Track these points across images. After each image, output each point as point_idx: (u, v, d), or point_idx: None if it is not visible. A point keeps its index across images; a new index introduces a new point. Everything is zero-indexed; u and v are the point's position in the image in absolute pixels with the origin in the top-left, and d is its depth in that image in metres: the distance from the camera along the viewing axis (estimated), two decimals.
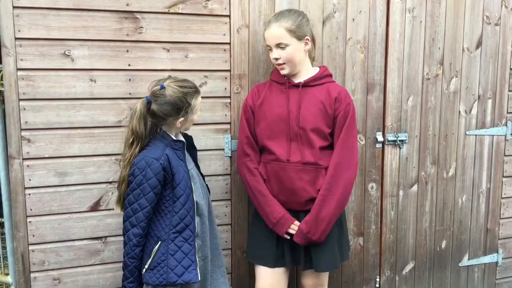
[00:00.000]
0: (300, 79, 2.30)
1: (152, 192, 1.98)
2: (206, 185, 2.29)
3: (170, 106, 2.00)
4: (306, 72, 2.31)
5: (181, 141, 2.12)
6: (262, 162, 2.34)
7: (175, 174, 2.02)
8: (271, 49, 2.26)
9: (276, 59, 2.24)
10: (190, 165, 2.18)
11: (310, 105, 2.26)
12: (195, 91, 2.07)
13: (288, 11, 2.28)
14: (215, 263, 2.27)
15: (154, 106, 2.00)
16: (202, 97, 2.40)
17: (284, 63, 2.24)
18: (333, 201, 2.21)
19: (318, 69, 2.35)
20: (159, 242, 2.03)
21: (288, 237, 2.27)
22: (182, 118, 2.05)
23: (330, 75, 2.37)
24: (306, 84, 2.28)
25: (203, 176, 2.29)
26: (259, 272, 2.37)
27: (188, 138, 2.24)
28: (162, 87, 2.00)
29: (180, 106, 2.01)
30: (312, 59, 2.39)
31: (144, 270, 2.03)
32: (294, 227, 2.26)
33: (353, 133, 2.29)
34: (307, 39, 2.26)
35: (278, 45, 2.21)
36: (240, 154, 2.39)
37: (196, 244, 2.10)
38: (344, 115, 2.26)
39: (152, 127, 2.05)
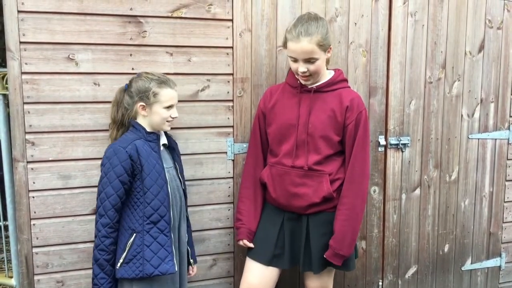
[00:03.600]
0: (311, 84, 2.27)
1: (118, 180, 2.01)
2: (184, 189, 2.28)
3: (135, 89, 2.10)
4: (322, 76, 2.27)
5: (154, 133, 2.15)
6: (268, 164, 2.36)
7: (144, 164, 2.05)
8: (295, 61, 2.17)
9: (302, 72, 2.17)
10: (167, 164, 2.19)
11: (320, 112, 2.24)
12: (162, 81, 2.11)
13: (314, 20, 2.15)
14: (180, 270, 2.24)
15: (126, 92, 2.14)
16: (204, 101, 2.44)
17: (309, 75, 2.20)
18: (354, 214, 2.23)
19: (332, 72, 2.32)
20: (134, 234, 2.05)
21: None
22: (142, 103, 2.09)
23: (345, 80, 2.33)
24: (318, 90, 2.25)
25: (182, 182, 2.27)
26: (249, 266, 2.36)
27: (169, 139, 2.27)
28: (138, 75, 2.15)
29: (142, 89, 2.08)
30: (327, 62, 2.32)
31: (119, 264, 2.04)
32: (245, 242, 2.37)
33: (365, 143, 2.26)
34: (330, 47, 2.21)
35: (308, 60, 2.15)
36: (246, 156, 2.47)
37: (172, 236, 2.11)
38: (356, 124, 2.22)
39: (125, 115, 2.15)
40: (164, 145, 2.21)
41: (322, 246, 2.27)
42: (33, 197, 2.26)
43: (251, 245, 2.36)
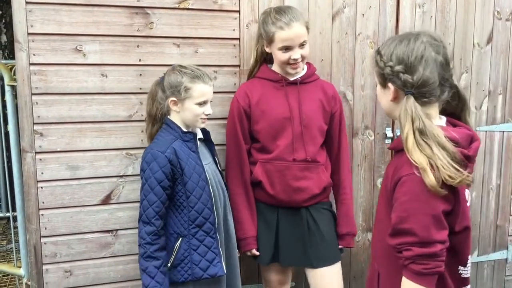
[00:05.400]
0: (293, 76, 2.27)
1: (159, 186, 1.96)
2: (225, 183, 2.26)
3: (167, 82, 2.05)
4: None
5: (191, 132, 2.10)
6: (259, 161, 2.28)
7: (184, 168, 2.00)
8: (286, 50, 2.17)
9: (296, 59, 2.17)
10: (206, 160, 2.15)
11: (310, 102, 2.26)
12: (195, 75, 2.03)
13: (291, 7, 2.23)
14: (230, 262, 2.22)
15: (159, 86, 2.09)
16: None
17: (300, 62, 2.20)
18: (352, 198, 2.46)
19: (305, 65, 2.32)
20: (180, 238, 2.03)
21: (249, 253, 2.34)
22: (174, 98, 2.03)
23: (315, 70, 2.38)
24: (302, 81, 2.27)
25: (221, 174, 2.26)
26: (266, 269, 2.40)
27: (206, 134, 2.24)
28: (172, 68, 2.09)
29: (173, 84, 2.02)
30: None
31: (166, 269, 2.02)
32: (254, 252, 2.31)
33: (345, 130, 2.45)
34: None
35: (302, 44, 2.17)
36: (228, 161, 2.34)
37: (218, 236, 2.09)
38: (340, 112, 2.36)
39: (161, 110, 2.10)
40: (199, 139, 2.17)
41: (328, 236, 2.29)
42: (42, 187, 2.27)
43: (258, 253, 2.32)
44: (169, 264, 2.02)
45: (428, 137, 1.40)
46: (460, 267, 1.52)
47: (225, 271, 2.08)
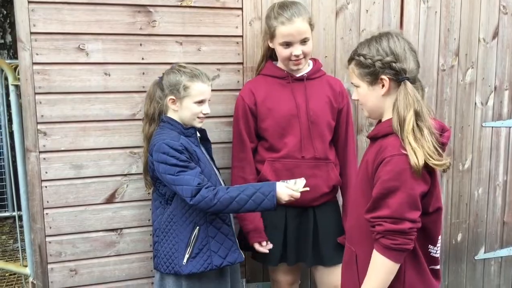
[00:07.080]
0: (299, 72, 2.26)
1: (187, 162, 1.94)
2: (223, 180, 2.26)
3: (166, 82, 2.06)
4: (306, 64, 2.29)
5: (192, 127, 2.10)
6: (267, 160, 2.26)
7: (200, 156, 2.02)
8: (287, 46, 2.16)
9: (297, 55, 2.16)
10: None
11: (318, 99, 2.24)
12: (194, 74, 2.04)
13: (296, 3, 2.20)
14: None
15: (157, 85, 2.10)
16: (215, 90, 2.40)
17: (302, 58, 2.19)
18: None
19: (310, 61, 2.32)
20: (197, 227, 2.01)
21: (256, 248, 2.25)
22: (172, 97, 2.03)
23: (321, 66, 2.37)
24: (309, 77, 2.26)
25: (219, 171, 2.27)
26: (274, 270, 2.39)
27: (202, 132, 2.24)
28: (171, 67, 2.10)
29: (172, 82, 2.03)
30: None
31: (185, 260, 2.00)
32: (256, 246, 2.23)
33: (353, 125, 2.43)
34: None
35: (303, 41, 2.15)
36: (233, 160, 2.33)
37: (233, 224, 2.09)
38: (347, 107, 2.32)
39: (158, 110, 2.10)
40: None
41: (336, 234, 2.28)
42: (46, 186, 2.27)
43: (264, 250, 2.22)
44: (187, 255, 2.00)
45: (422, 120, 1.52)
46: (430, 246, 1.62)
47: (243, 257, 2.10)
